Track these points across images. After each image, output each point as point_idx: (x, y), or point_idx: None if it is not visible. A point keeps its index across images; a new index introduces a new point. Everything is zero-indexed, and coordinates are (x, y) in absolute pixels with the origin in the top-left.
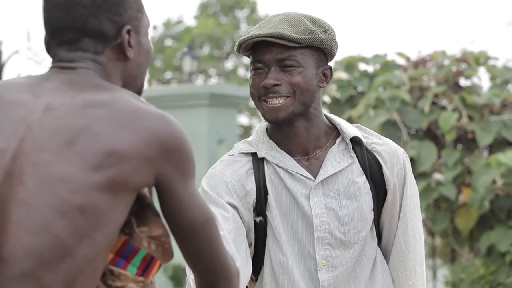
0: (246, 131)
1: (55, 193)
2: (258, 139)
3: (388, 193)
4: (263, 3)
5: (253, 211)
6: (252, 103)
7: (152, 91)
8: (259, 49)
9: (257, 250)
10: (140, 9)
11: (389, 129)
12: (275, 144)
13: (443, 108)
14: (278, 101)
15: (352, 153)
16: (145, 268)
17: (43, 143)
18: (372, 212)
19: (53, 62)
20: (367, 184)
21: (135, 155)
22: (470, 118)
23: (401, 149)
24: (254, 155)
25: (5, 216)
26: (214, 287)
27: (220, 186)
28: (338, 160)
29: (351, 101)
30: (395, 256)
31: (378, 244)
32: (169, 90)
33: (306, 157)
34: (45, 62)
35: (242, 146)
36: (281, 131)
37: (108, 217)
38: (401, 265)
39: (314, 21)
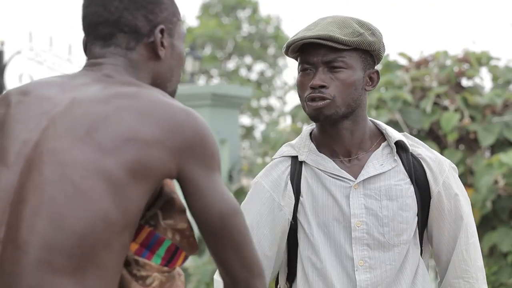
0: (248, 132)
1: (69, 178)
2: (301, 142)
3: (432, 199)
4: (265, 3)
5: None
6: (253, 104)
7: None
8: (307, 50)
9: (290, 256)
10: (176, 15)
11: None
12: (315, 147)
13: (445, 108)
14: (323, 102)
15: (396, 157)
16: (170, 259)
17: (63, 131)
18: (416, 218)
19: (88, 59)
20: (412, 188)
21: (156, 144)
22: (472, 118)
23: (448, 160)
24: (295, 158)
25: (23, 201)
26: (248, 285)
27: (258, 198)
28: (381, 163)
29: None
30: (456, 264)
31: (420, 253)
32: None
33: (348, 158)
34: (47, 62)
35: (285, 149)
36: (325, 132)
37: (125, 199)
38: (463, 273)
39: (362, 24)
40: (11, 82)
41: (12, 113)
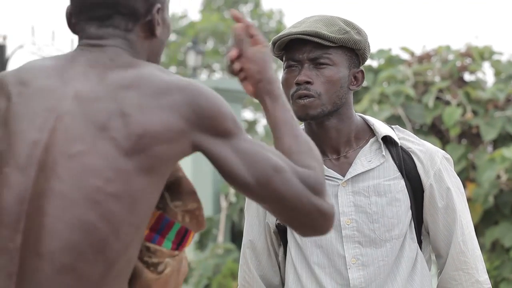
0: (251, 126)
1: (90, 183)
2: None
3: (424, 192)
4: None
5: None
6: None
7: None
8: (293, 47)
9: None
10: None
11: (393, 124)
12: None
13: (448, 103)
14: (308, 100)
15: (385, 153)
16: (180, 242)
17: (75, 132)
18: (410, 211)
19: (81, 38)
20: (403, 183)
21: (168, 132)
22: (475, 113)
23: (441, 151)
24: None
25: (41, 209)
26: (313, 231)
27: (252, 208)
28: (369, 159)
29: (356, 96)
30: (454, 257)
31: (420, 246)
32: None
33: (337, 156)
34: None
35: None
36: (313, 131)
37: (145, 199)
38: (462, 265)
39: (348, 23)
40: None
41: (14, 108)
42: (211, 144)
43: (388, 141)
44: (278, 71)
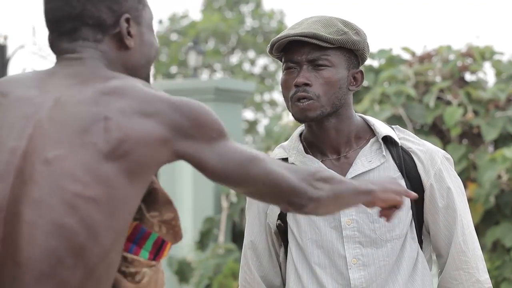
0: (251, 126)
1: (68, 188)
2: (291, 144)
3: (425, 192)
4: None
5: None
6: (257, 98)
7: (157, 86)
8: (292, 49)
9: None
10: (141, 1)
11: (394, 124)
12: (303, 149)
13: (449, 103)
14: (307, 102)
15: (385, 153)
16: (156, 252)
17: (54, 138)
18: (410, 211)
19: (58, 55)
20: (403, 183)
21: (150, 138)
22: (476, 113)
23: (441, 151)
24: (286, 160)
25: (18, 216)
26: (290, 206)
27: (253, 208)
28: (369, 160)
29: (356, 96)
30: (455, 256)
31: (420, 246)
32: (174, 85)
33: (337, 157)
34: (50, 57)
35: (277, 151)
36: (313, 132)
37: (125, 204)
38: (463, 264)
39: (346, 23)
40: None
41: None
42: (196, 149)
43: (388, 141)
44: (278, 72)
